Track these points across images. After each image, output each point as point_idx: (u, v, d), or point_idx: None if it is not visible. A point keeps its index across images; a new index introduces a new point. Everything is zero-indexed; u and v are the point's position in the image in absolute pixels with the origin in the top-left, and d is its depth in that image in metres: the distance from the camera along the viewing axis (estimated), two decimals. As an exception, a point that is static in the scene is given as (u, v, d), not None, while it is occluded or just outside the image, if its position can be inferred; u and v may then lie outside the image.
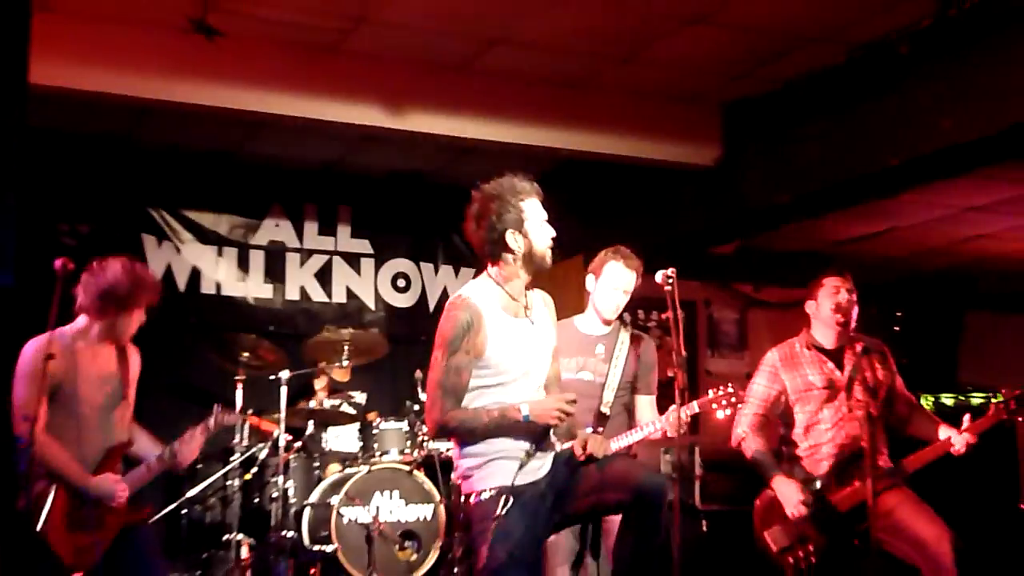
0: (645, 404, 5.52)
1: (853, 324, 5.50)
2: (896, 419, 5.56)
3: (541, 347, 4.35)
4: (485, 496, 4.16)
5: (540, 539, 4.33)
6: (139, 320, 5.19)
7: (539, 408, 4.11)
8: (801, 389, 5.52)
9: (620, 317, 5.55)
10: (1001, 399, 5.28)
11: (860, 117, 6.88)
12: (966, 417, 5.29)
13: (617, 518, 4.34)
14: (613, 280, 5.38)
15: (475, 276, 4.43)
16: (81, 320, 5.08)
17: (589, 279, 5.54)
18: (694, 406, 5.27)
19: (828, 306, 5.49)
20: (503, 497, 4.10)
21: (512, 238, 4.24)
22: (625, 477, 4.17)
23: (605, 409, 5.37)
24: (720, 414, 5.39)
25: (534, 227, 4.27)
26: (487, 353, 4.17)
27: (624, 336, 5.54)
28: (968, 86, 6.21)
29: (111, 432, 5.07)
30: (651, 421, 5.37)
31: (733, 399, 5.33)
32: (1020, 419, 5.27)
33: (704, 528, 7.89)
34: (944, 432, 5.30)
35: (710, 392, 5.40)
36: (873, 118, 6.79)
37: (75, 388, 4.90)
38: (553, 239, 4.30)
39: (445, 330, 4.20)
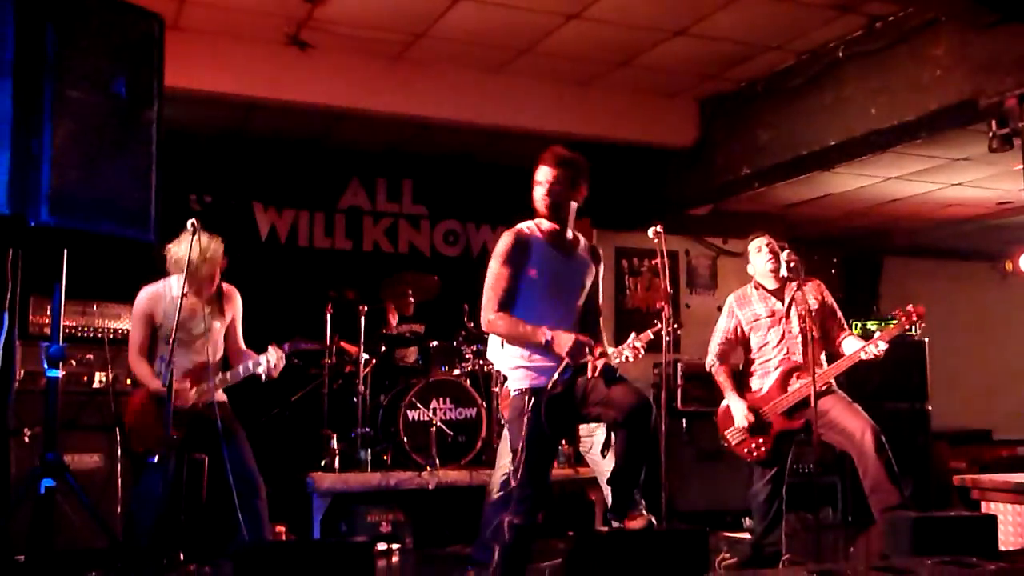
0: None
1: (783, 266, 5.34)
2: (827, 340, 5.49)
3: (574, 276, 4.29)
4: (517, 395, 4.16)
5: (559, 430, 4.30)
6: (213, 280, 5.16)
7: (558, 341, 4.05)
8: (751, 319, 5.51)
9: None
10: (907, 313, 5.20)
11: (805, 107, 6.81)
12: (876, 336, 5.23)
13: None
14: None
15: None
16: (173, 279, 5.06)
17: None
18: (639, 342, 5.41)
19: (759, 262, 5.51)
20: (529, 397, 4.09)
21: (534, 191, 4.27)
22: (622, 401, 4.12)
23: None
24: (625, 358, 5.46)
25: (535, 185, 4.25)
26: (528, 270, 4.16)
27: None
28: (889, 82, 6.14)
29: (194, 355, 5.08)
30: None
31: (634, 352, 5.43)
32: (916, 333, 5.24)
33: (684, 425, 7.89)
34: (858, 344, 5.28)
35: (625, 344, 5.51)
36: (815, 108, 6.72)
37: (170, 325, 4.85)
38: (545, 196, 4.22)
39: (500, 249, 4.19)
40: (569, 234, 4.32)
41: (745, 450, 5.41)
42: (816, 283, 5.59)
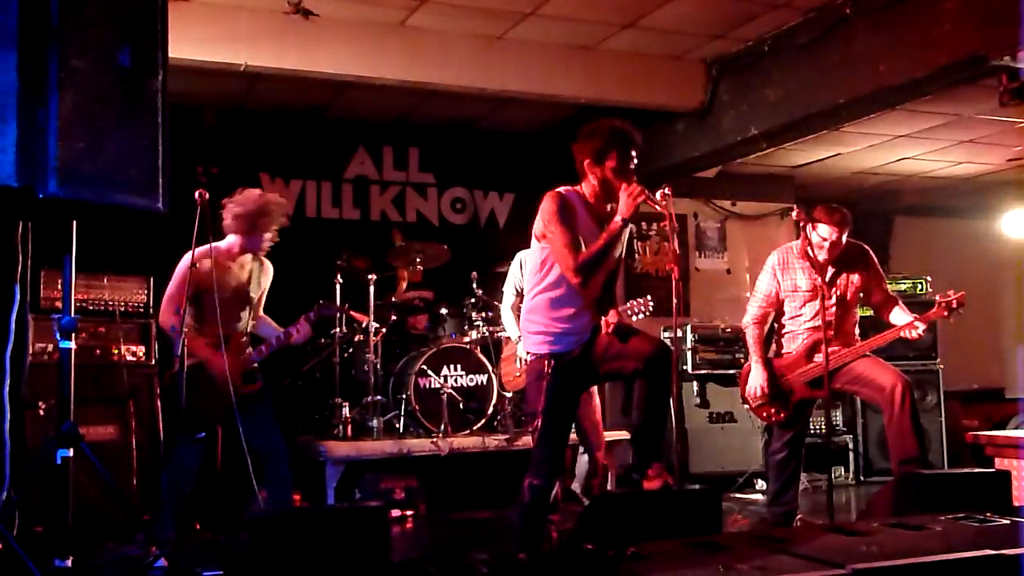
0: None
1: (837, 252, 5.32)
2: (874, 308, 5.48)
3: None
4: (535, 359, 4.19)
5: (578, 391, 4.33)
6: (271, 238, 5.19)
7: (624, 207, 4.10)
8: (790, 289, 5.44)
9: None
10: (943, 298, 5.21)
11: (812, 65, 6.76)
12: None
13: None
14: None
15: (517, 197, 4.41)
16: (229, 239, 5.08)
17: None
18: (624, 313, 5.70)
19: (817, 244, 5.27)
20: (548, 361, 4.12)
21: (590, 169, 4.23)
22: (639, 350, 4.14)
23: None
24: (634, 318, 5.81)
25: (613, 166, 4.20)
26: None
27: None
28: (898, 38, 6.08)
29: (234, 324, 5.10)
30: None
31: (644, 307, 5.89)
32: (952, 319, 5.22)
33: (695, 389, 7.90)
34: (903, 320, 5.26)
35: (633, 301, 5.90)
36: (823, 66, 6.67)
37: (213, 292, 4.88)
38: (635, 179, 4.21)
39: (552, 210, 4.15)
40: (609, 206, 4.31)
41: (764, 414, 5.47)
42: (863, 250, 5.47)
